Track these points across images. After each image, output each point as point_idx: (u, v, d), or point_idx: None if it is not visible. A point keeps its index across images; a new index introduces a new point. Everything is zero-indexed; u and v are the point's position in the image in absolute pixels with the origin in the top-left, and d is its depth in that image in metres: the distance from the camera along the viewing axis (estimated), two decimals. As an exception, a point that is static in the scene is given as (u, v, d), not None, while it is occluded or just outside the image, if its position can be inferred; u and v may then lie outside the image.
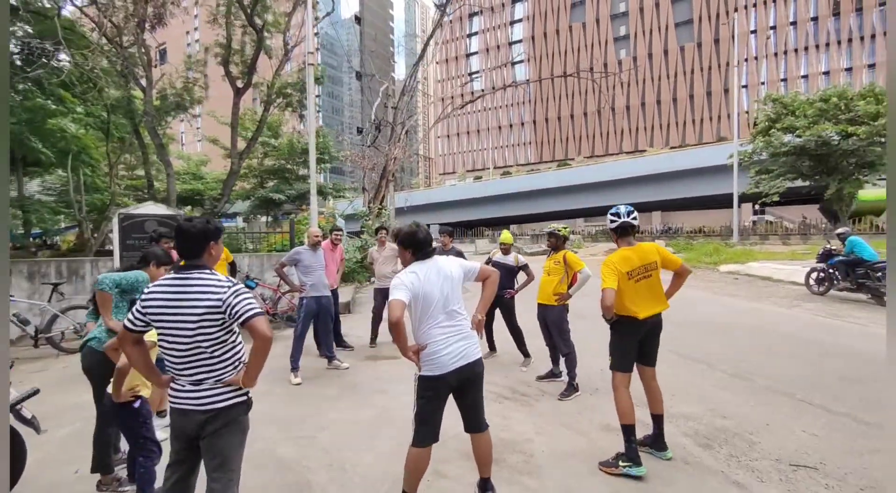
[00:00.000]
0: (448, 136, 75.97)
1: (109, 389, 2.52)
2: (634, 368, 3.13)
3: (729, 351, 5.62)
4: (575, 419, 3.83)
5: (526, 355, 5.30)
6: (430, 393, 2.44)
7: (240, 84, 12.03)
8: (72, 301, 7.03)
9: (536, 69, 67.48)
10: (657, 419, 3.14)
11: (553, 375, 4.75)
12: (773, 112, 18.68)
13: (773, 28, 56.22)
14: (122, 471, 2.94)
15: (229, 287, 1.91)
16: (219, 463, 1.97)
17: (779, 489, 2.77)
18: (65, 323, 6.37)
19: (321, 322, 5.20)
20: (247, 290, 1.96)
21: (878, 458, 3.09)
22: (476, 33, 73.82)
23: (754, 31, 56.82)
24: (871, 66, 51.55)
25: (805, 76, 54.68)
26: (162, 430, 3.56)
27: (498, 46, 71.72)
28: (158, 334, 1.97)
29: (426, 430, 2.45)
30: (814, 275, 9.42)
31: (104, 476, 2.80)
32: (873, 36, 51.59)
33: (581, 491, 2.76)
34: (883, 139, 16.07)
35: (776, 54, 56.08)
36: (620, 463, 2.91)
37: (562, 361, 4.62)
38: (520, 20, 70.70)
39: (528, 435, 3.49)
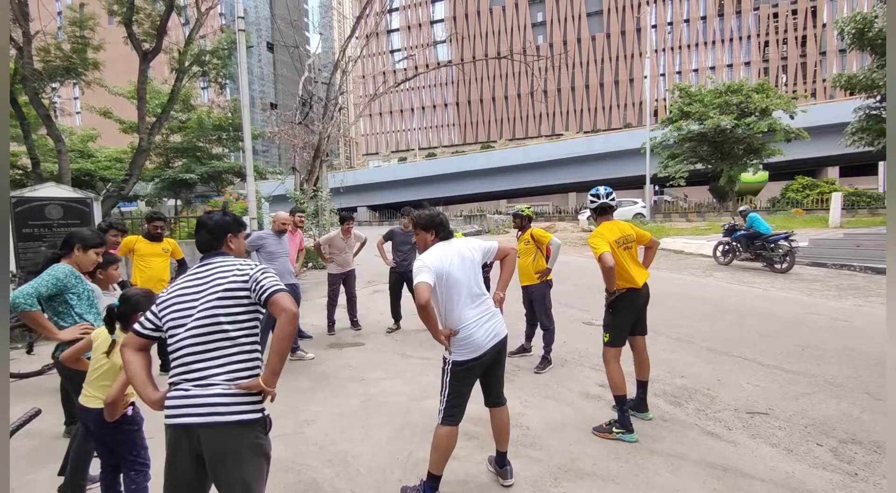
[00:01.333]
0: (370, 115, 73.74)
1: (90, 402, 2.14)
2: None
3: (667, 318, 6.22)
4: (555, 390, 4.02)
5: None
6: (465, 376, 2.44)
7: (146, 47, 10.56)
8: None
9: (458, 50, 67.53)
10: (643, 385, 3.40)
11: (524, 350, 4.93)
12: (682, 102, 20.66)
13: (671, 24, 61.49)
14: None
15: (254, 266, 1.82)
16: None
17: (744, 434, 3.16)
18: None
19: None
20: (271, 271, 1.82)
21: (809, 400, 3.64)
22: (397, 9, 71.73)
23: (655, 26, 61.70)
24: (747, 63, 58.62)
25: (696, 70, 60.78)
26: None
27: (420, 24, 70.47)
28: (169, 328, 1.69)
29: (458, 409, 2.46)
30: (720, 248, 10.70)
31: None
32: (749, 37, 58.56)
33: (583, 456, 2.93)
34: (766, 130, 18.55)
35: (672, 48, 61.53)
36: (614, 430, 3.12)
37: (536, 336, 4.80)
38: (441, -1, 69.93)
39: (518, 409, 3.60)
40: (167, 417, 1.63)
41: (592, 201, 3.43)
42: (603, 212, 3.40)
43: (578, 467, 2.81)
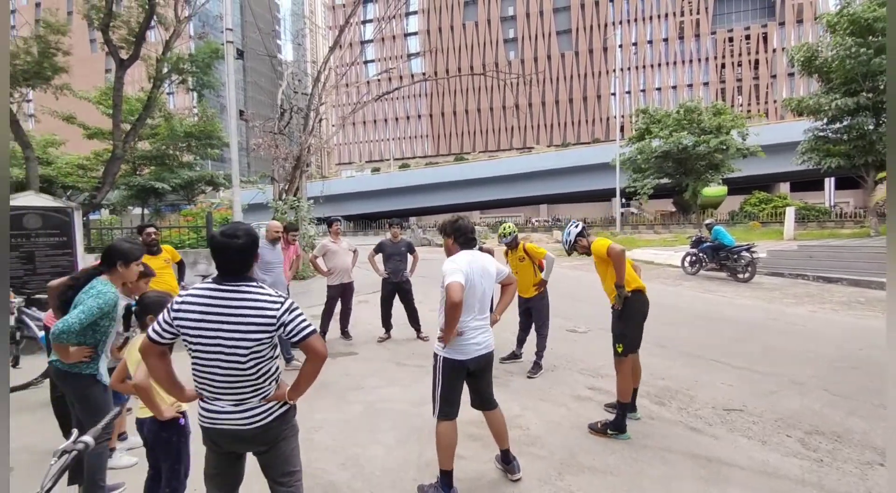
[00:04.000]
0: (343, 126, 73.47)
1: (142, 413, 2.21)
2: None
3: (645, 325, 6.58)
4: (549, 393, 4.26)
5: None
6: (452, 373, 2.66)
7: (123, 55, 10.37)
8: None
9: (432, 63, 68.50)
10: (634, 391, 3.65)
11: (515, 356, 5.16)
12: (644, 123, 21.84)
13: (635, 44, 64.46)
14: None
15: (282, 303, 1.76)
16: (284, 471, 1.94)
17: (723, 429, 3.47)
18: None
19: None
20: (297, 306, 1.82)
21: (776, 397, 4.01)
22: (371, 20, 72.24)
23: (621, 46, 64.55)
24: (706, 83, 62.05)
25: (659, 89, 63.83)
26: (126, 454, 3.16)
27: (394, 37, 71.11)
28: (192, 352, 1.74)
29: (450, 405, 2.66)
30: (688, 258, 11.33)
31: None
32: (707, 59, 62.06)
33: (582, 452, 3.15)
34: (724, 147, 19.80)
35: (637, 68, 64.44)
36: (608, 431, 3.36)
37: (526, 343, 5.04)
38: (415, 12, 70.88)
39: (516, 411, 3.81)
40: (208, 425, 1.82)
41: (570, 234, 3.75)
42: (583, 234, 3.74)
43: (579, 461, 3.03)
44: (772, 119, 50.67)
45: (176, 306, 1.73)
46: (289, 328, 1.75)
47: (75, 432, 1.37)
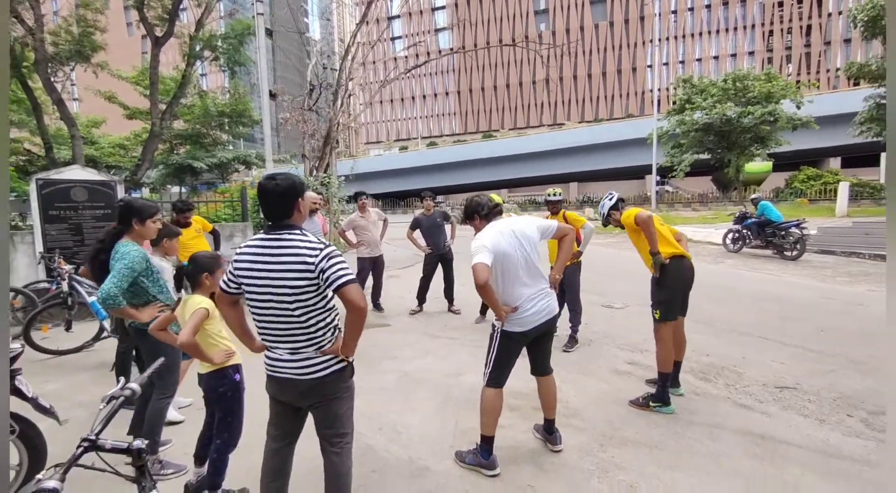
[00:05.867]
0: (371, 103, 73.23)
1: (202, 369, 2.27)
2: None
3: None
4: (587, 367, 4.14)
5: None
6: (511, 345, 2.56)
7: (158, 33, 10.49)
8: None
9: (460, 37, 66.84)
10: (677, 364, 3.48)
11: (550, 330, 5.04)
12: (684, 94, 20.63)
13: (675, 13, 60.86)
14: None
15: (321, 250, 1.74)
16: (335, 431, 1.93)
17: (776, 406, 3.28)
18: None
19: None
20: (339, 253, 1.80)
21: (834, 376, 3.76)
22: (398, -5, 70.86)
23: (659, 15, 61.09)
24: (751, 53, 58.19)
25: (699, 59, 60.35)
26: (178, 410, 3.26)
27: (421, 11, 69.61)
28: (249, 301, 1.83)
29: (501, 374, 2.59)
30: (730, 235, 10.80)
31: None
32: (753, 26, 58.05)
33: (625, 426, 3.05)
34: (772, 119, 18.56)
35: (676, 37, 61.00)
36: (651, 404, 3.24)
37: (561, 318, 4.90)
38: (443, -15, 69.00)
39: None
40: (270, 373, 1.90)
41: (606, 204, 3.61)
42: (618, 207, 3.58)
43: (622, 435, 2.93)
44: (823, 90, 47.28)
45: (235, 257, 1.83)
46: (326, 275, 1.71)
47: (122, 380, 1.36)
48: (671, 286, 3.26)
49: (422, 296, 6.17)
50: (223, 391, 2.24)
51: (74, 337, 4.82)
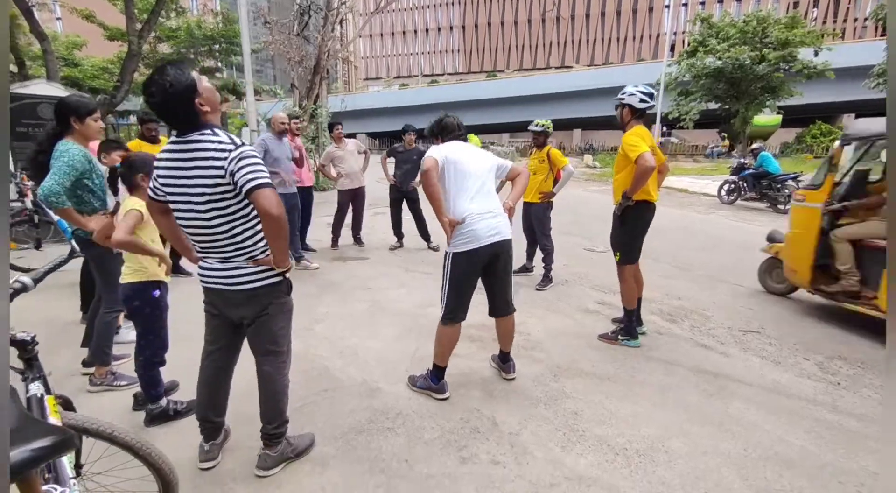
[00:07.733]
0: (371, 35, 69.18)
1: (124, 278, 2.19)
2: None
3: (668, 248, 6.30)
4: (556, 304, 4.14)
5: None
6: (464, 268, 2.43)
7: (129, -63, 9.54)
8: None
9: (468, -36, 61.94)
10: (638, 302, 3.46)
11: (526, 269, 5.00)
12: (700, 34, 19.36)
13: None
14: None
15: (231, 150, 1.56)
16: (269, 347, 1.88)
17: (736, 348, 3.31)
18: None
19: (289, 220, 4.85)
20: (254, 153, 1.59)
21: (801, 322, 3.78)
22: (402, -88, 64.66)
23: (684, -53, 56.30)
24: (778, -5, 54.36)
25: (721, 1, 56.46)
26: (133, 331, 3.25)
27: (426, -68, 63.90)
28: (173, 208, 1.72)
29: (457, 305, 2.49)
30: (725, 186, 10.60)
31: (99, 369, 2.53)
32: (784, -36, 53.76)
33: (582, 359, 3.07)
34: (787, 66, 17.59)
35: (700, -26, 56.64)
36: (619, 337, 3.25)
37: (537, 257, 4.85)
38: None
39: (520, 319, 3.65)
40: (203, 284, 1.84)
41: (644, 101, 3.09)
42: (641, 115, 3.14)
43: (578, 367, 2.95)
44: (848, 39, 44.72)
45: (155, 164, 1.73)
46: (236, 179, 1.54)
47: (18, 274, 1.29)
48: (631, 231, 3.19)
49: (397, 229, 6.08)
50: (138, 305, 2.18)
51: (46, 257, 4.76)
